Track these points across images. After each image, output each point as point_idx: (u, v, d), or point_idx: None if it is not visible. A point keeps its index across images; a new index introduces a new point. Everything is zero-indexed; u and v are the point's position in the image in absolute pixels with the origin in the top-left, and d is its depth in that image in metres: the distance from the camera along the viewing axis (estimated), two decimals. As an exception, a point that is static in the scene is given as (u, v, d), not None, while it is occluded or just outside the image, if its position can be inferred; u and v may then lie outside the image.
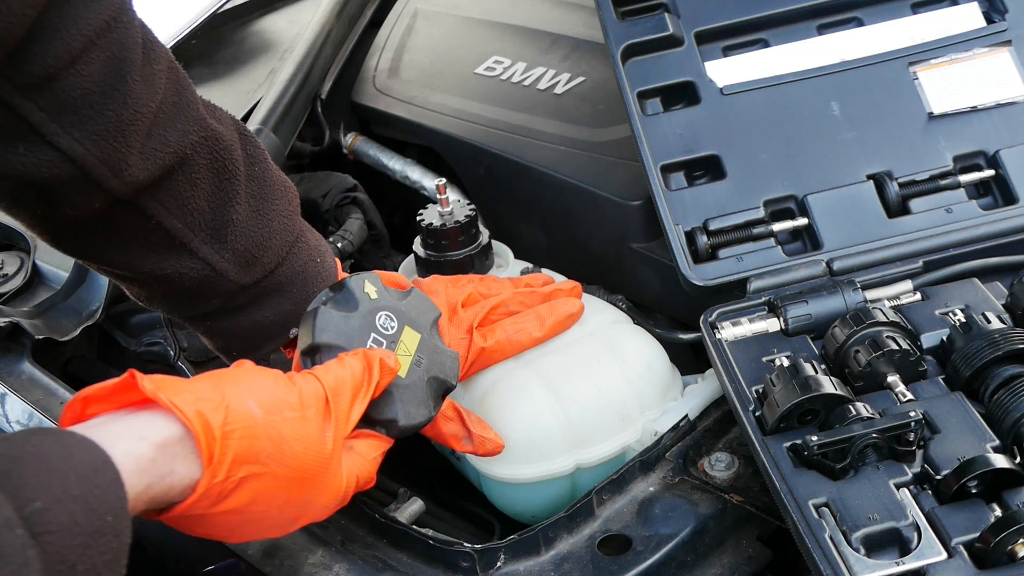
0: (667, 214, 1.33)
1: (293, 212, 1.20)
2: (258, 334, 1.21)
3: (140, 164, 1.04)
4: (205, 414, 0.90)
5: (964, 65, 1.40)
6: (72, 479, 0.79)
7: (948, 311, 1.23)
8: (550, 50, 1.77)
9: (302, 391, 0.98)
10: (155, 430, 0.88)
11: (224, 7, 2.06)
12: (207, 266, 1.13)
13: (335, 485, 1.01)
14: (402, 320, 1.14)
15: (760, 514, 1.16)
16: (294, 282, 1.20)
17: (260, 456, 0.92)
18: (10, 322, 1.47)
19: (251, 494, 0.93)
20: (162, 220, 1.09)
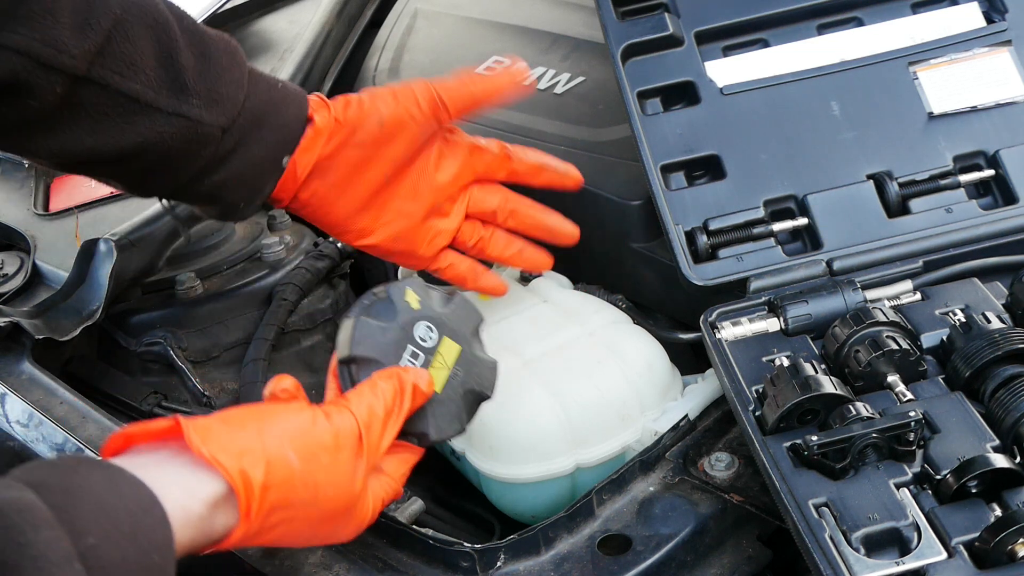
0: (667, 214, 1.33)
1: (235, 49, 1.22)
2: (255, 174, 1.23)
3: (78, 35, 1.09)
4: (247, 472, 0.92)
5: (964, 65, 1.40)
6: (123, 516, 0.82)
7: (948, 311, 1.23)
8: (550, 50, 1.77)
9: (338, 431, 1.00)
10: (205, 488, 0.91)
11: (224, 7, 2.06)
12: (180, 118, 1.15)
13: (361, 515, 1.05)
14: (442, 330, 1.12)
15: (760, 514, 1.16)
16: (268, 111, 1.21)
17: (295, 503, 0.96)
18: (10, 322, 1.47)
19: (281, 533, 0.98)
20: (119, 86, 1.12)
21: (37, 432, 1.35)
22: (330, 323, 1.58)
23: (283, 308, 1.52)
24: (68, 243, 1.59)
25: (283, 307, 1.52)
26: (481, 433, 1.28)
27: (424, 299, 1.13)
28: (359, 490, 1.01)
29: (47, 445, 1.34)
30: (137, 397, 1.42)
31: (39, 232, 1.64)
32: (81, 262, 1.52)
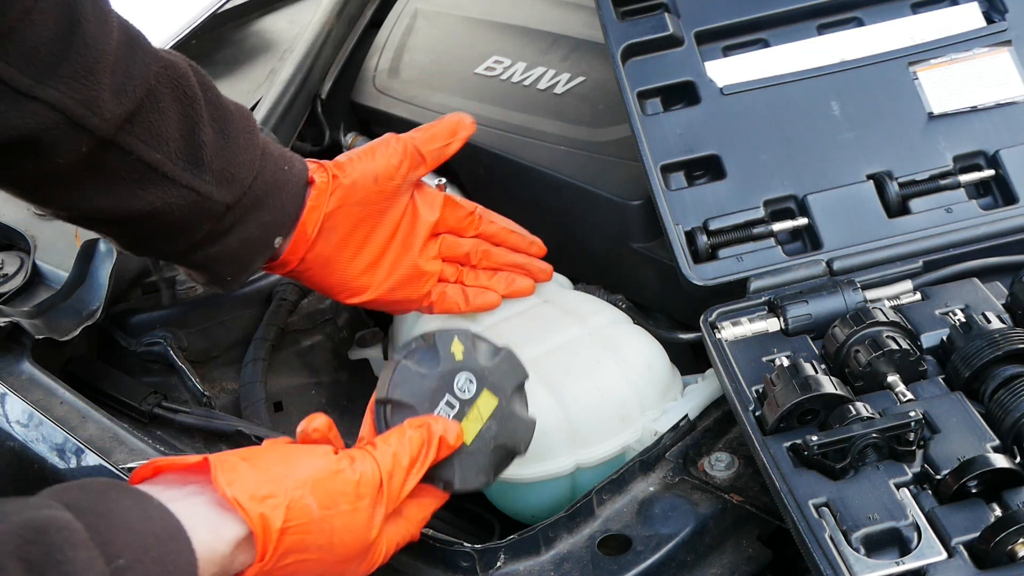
0: (667, 214, 1.33)
1: (252, 128, 1.24)
2: (246, 252, 1.25)
3: (114, 99, 1.10)
4: (267, 517, 0.95)
5: (964, 65, 1.40)
6: (151, 541, 0.86)
7: (948, 311, 1.23)
8: (550, 50, 1.77)
9: (360, 479, 1.01)
10: (228, 529, 0.94)
11: (224, 7, 2.05)
12: (191, 191, 1.17)
13: (373, 558, 1.06)
14: (482, 383, 1.12)
15: (760, 514, 1.16)
16: (270, 193, 1.24)
17: (310, 547, 0.98)
18: (10, 322, 1.46)
19: (292, 571, 0.99)
20: (141, 154, 1.13)
21: (37, 432, 1.35)
22: (330, 323, 1.58)
23: (283, 308, 1.52)
24: (68, 243, 1.59)
25: (283, 307, 1.53)
26: (481, 433, 1.28)
27: (469, 350, 1.13)
28: (375, 536, 1.03)
29: (47, 445, 1.34)
30: (137, 397, 1.42)
31: (39, 232, 1.64)
32: (81, 262, 1.52)
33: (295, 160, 1.28)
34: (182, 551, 0.88)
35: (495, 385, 1.13)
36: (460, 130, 1.36)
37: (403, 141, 1.32)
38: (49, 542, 0.78)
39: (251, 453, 1.00)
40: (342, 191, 1.28)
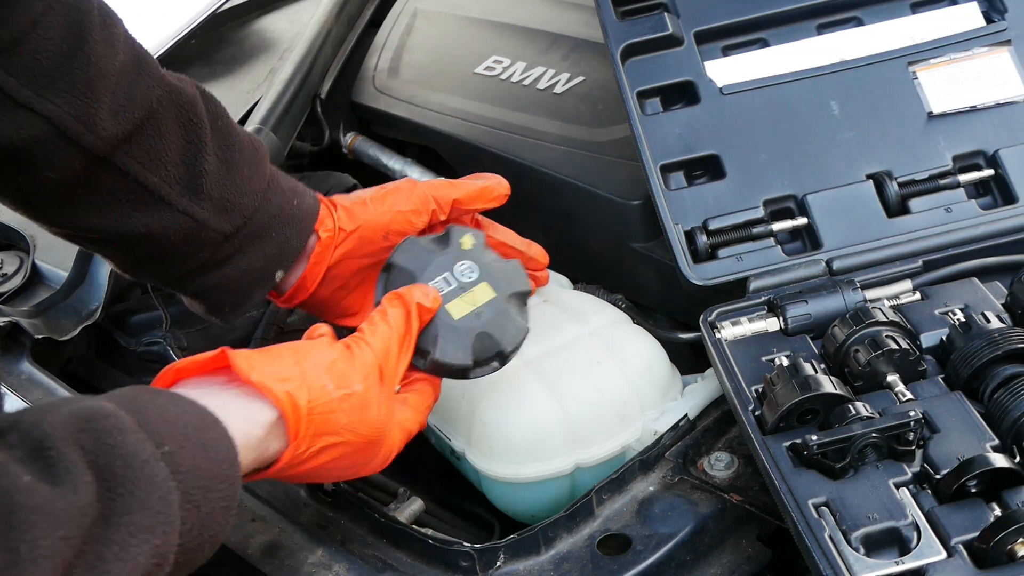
0: (667, 214, 1.33)
1: (261, 159, 1.23)
2: (245, 283, 1.24)
3: (111, 119, 1.09)
4: (294, 395, 0.98)
5: (964, 65, 1.40)
6: (191, 430, 0.87)
7: (948, 311, 1.23)
8: (550, 50, 1.77)
9: (363, 363, 1.05)
10: (260, 413, 0.97)
11: (224, 7, 2.05)
12: (188, 218, 1.16)
13: (390, 444, 1.09)
14: (483, 275, 1.18)
15: (760, 514, 1.16)
16: (273, 226, 1.22)
17: (335, 428, 1.01)
18: (10, 322, 1.47)
19: (324, 459, 1.02)
20: (138, 176, 1.13)
21: (37, 432, 1.35)
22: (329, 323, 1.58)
23: (283, 308, 1.52)
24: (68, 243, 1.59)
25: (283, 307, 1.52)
26: (481, 433, 1.28)
27: (478, 247, 1.19)
28: (387, 416, 1.06)
29: (47, 445, 1.34)
30: (137, 397, 1.42)
31: (39, 232, 1.63)
32: (81, 262, 1.52)
33: (306, 195, 1.27)
34: (220, 437, 0.89)
35: (496, 281, 1.18)
36: (491, 196, 1.32)
37: (422, 192, 1.29)
38: (98, 428, 0.79)
39: (263, 348, 1.03)
40: (349, 244, 1.27)
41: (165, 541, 0.79)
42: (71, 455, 0.76)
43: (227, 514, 0.89)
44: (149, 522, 0.78)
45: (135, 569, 0.75)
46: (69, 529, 0.72)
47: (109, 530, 0.75)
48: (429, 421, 1.36)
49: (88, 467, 0.77)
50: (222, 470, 0.88)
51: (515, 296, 1.19)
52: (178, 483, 0.82)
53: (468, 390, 1.30)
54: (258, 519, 1.25)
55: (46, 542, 0.70)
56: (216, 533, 0.88)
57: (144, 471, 0.79)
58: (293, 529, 1.23)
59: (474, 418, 1.28)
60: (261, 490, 1.29)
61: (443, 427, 1.34)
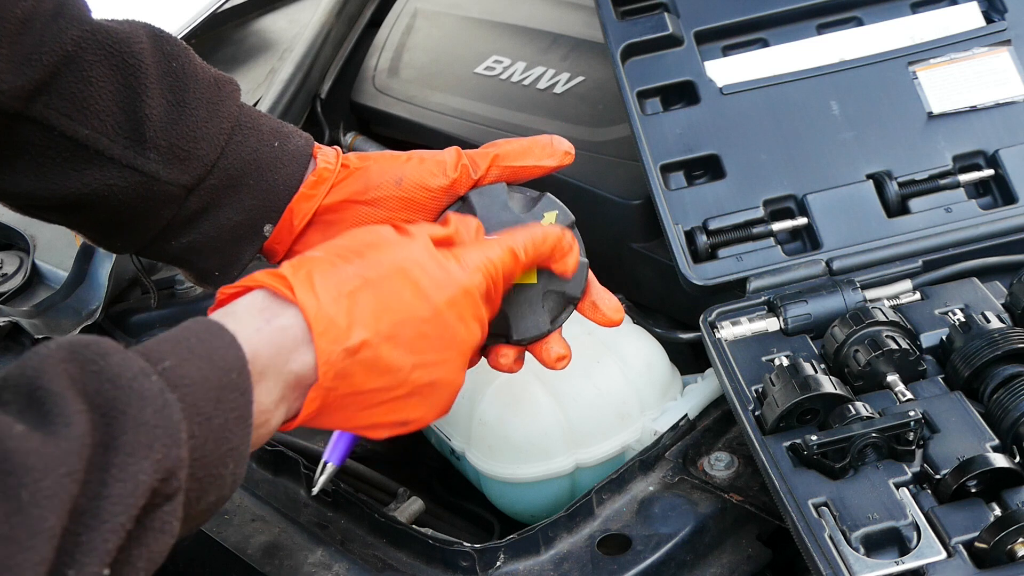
0: (667, 214, 1.33)
1: (225, 98, 1.10)
2: (228, 241, 1.12)
3: (14, 69, 0.99)
4: (301, 276, 0.89)
5: (964, 65, 1.40)
6: (194, 342, 0.82)
7: (947, 311, 1.23)
8: (550, 50, 1.77)
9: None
10: (281, 317, 0.89)
11: (224, 7, 2.05)
12: (134, 171, 1.05)
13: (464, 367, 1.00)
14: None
15: (760, 514, 1.16)
16: (248, 172, 1.10)
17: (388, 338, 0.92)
18: (9, 322, 1.47)
19: (377, 382, 0.93)
20: (65, 129, 1.02)
21: (37, 432, 1.35)
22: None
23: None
24: (67, 243, 1.59)
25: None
26: (481, 433, 1.28)
27: (555, 223, 1.10)
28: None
29: (47, 445, 1.34)
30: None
31: (39, 232, 1.64)
32: (80, 262, 1.52)
33: (294, 135, 1.13)
34: (227, 346, 0.84)
35: (546, 271, 1.08)
36: (544, 153, 1.12)
37: (456, 149, 1.11)
38: (81, 356, 0.76)
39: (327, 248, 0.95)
40: (352, 185, 1.11)
41: (167, 455, 0.75)
42: (61, 388, 0.73)
43: (243, 424, 0.83)
44: (145, 438, 0.74)
45: (136, 487, 0.72)
46: (70, 464, 0.70)
47: (108, 454, 0.72)
48: (429, 421, 1.36)
49: (79, 396, 0.74)
50: (230, 379, 0.82)
51: (555, 294, 1.10)
52: (181, 395, 0.78)
53: (468, 390, 1.30)
54: (258, 519, 1.25)
55: (46, 482, 0.68)
56: (236, 445, 0.82)
57: (132, 388, 0.75)
58: (293, 529, 1.23)
59: (474, 418, 1.28)
60: (261, 490, 1.29)
61: (443, 427, 1.34)
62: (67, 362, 0.75)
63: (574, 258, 1.06)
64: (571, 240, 1.06)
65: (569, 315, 1.11)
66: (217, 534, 1.24)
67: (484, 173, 1.10)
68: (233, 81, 1.13)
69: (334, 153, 1.14)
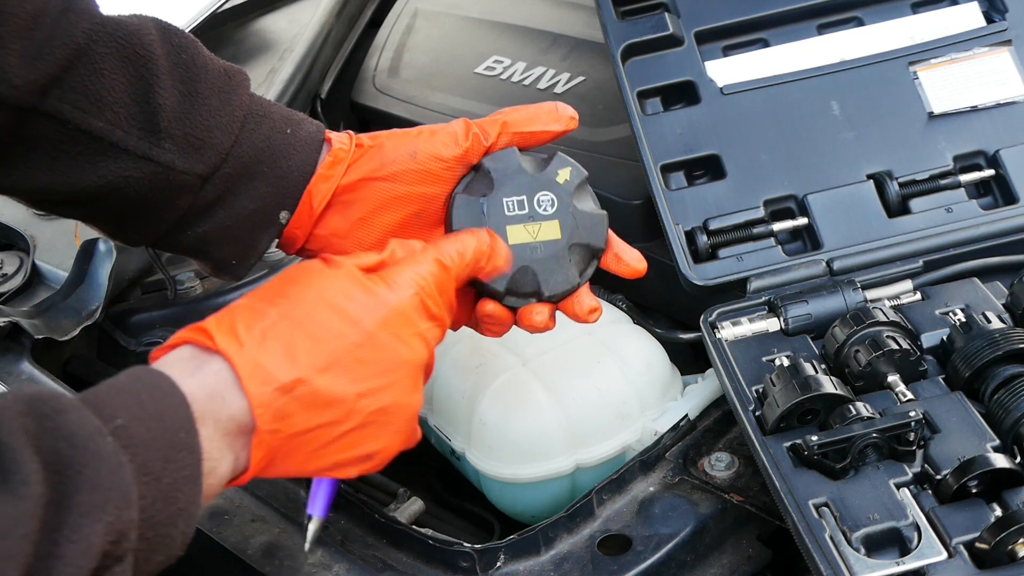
0: (667, 214, 1.33)
1: (235, 87, 1.10)
2: (245, 229, 1.12)
3: (26, 64, 0.99)
4: (220, 330, 0.90)
5: (964, 65, 1.40)
6: (145, 398, 0.82)
7: (948, 311, 1.23)
8: (550, 50, 1.77)
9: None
10: (211, 366, 0.89)
11: (224, 7, 2.05)
12: (149, 162, 1.05)
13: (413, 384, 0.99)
14: (559, 214, 1.11)
15: (760, 514, 1.16)
16: (262, 160, 1.10)
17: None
18: (9, 322, 1.47)
19: (316, 420, 0.93)
20: (79, 122, 1.02)
21: (37, 432, 1.35)
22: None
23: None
24: (67, 243, 1.59)
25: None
26: (481, 433, 1.28)
27: (570, 183, 1.12)
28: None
29: (47, 445, 1.34)
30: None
31: (39, 232, 1.64)
32: (80, 262, 1.52)
33: (305, 123, 1.14)
34: (178, 405, 0.84)
35: (568, 225, 1.11)
36: (551, 119, 1.13)
37: (465, 119, 1.13)
38: (38, 412, 0.76)
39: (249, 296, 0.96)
40: (368, 163, 1.11)
41: (119, 517, 0.75)
42: (18, 444, 0.73)
43: (193, 484, 0.83)
44: (99, 499, 0.74)
45: (88, 549, 0.72)
46: (26, 525, 0.70)
47: (61, 513, 0.72)
48: (429, 421, 1.36)
49: (35, 452, 0.73)
50: (179, 439, 0.82)
51: (579, 247, 1.11)
52: (132, 455, 0.78)
53: (468, 391, 1.30)
54: (258, 519, 1.25)
55: (7, 543, 0.68)
56: (185, 505, 0.82)
57: (88, 447, 0.75)
58: (293, 529, 1.23)
59: (474, 418, 1.28)
60: (261, 490, 1.29)
61: (443, 427, 1.34)
62: (24, 416, 0.75)
63: (501, 257, 1.06)
64: (487, 239, 1.06)
65: (594, 269, 1.13)
66: (217, 534, 1.24)
67: (495, 140, 1.11)
68: (242, 71, 1.13)
69: (347, 135, 1.15)
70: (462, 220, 1.09)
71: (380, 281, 0.97)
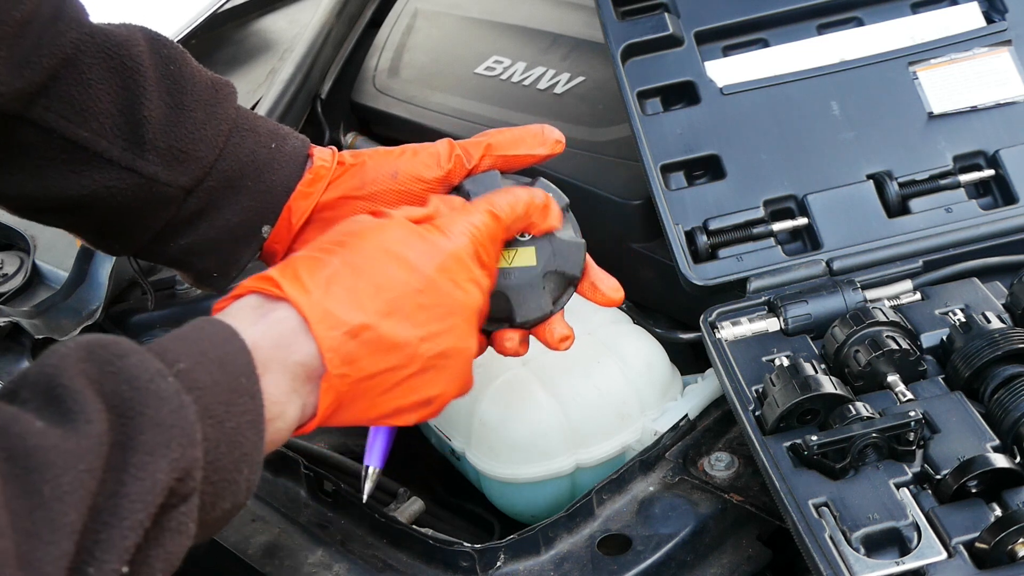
0: (667, 214, 1.33)
1: (222, 100, 1.11)
2: (227, 242, 1.12)
3: (13, 72, 1.00)
4: (287, 277, 0.90)
5: (964, 65, 1.40)
6: (207, 345, 0.83)
7: (948, 311, 1.23)
8: (550, 50, 1.77)
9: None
10: (276, 313, 0.89)
11: (224, 7, 2.05)
12: (133, 173, 1.06)
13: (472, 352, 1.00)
14: (536, 241, 1.10)
15: (760, 514, 1.16)
16: (246, 174, 1.11)
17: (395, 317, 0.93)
18: (10, 322, 1.47)
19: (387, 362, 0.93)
20: (64, 131, 1.03)
21: (37, 432, 1.35)
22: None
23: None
24: (68, 243, 1.59)
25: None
26: (481, 433, 1.28)
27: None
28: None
29: (47, 445, 1.34)
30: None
31: (39, 232, 1.64)
32: (81, 262, 1.52)
33: (290, 137, 1.14)
34: (238, 351, 0.84)
35: (544, 252, 1.09)
36: (536, 142, 1.14)
37: (449, 140, 1.13)
38: (99, 357, 0.76)
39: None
40: (349, 181, 1.13)
41: (184, 455, 0.76)
42: (80, 387, 0.74)
43: (255, 429, 0.84)
44: (163, 437, 0.75)
45: (154, 486, 0.73)
46: (89, 461, 0.71)
47: (126, 453, 0.73)
48: (429, 421, 1.36)
49: (98, 395, 0.74)
50: (240, 384, 0.83)
51: (555, 275, 1.10)
52: (195, 398, 0.79)
53: (468, 390, 1.30)
54: (258, 519, 1.25)
55: (67, 478, 0.69)
56: (249, 451, 0.83)
57: (150, 389, 0.76)
58: (293, 529, 1.23)
59: (474, 418, 1.28)
60: (261, 490, 1.29)
61: (443, 427, 1.34)
62: (85, 362, 0.76)
63: (555, 214, 1.07)
64: (543, 196, 1.07)
65: (570, 297, 1.12)
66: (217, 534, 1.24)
67: (477, 162, 1.12)
68: (230, 84, 1.14)
69: (330, 152, 1.15)
70: None
71: (435, 229, 0.98)
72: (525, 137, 1.13)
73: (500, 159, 1.12)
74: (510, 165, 1.13)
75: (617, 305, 1.16)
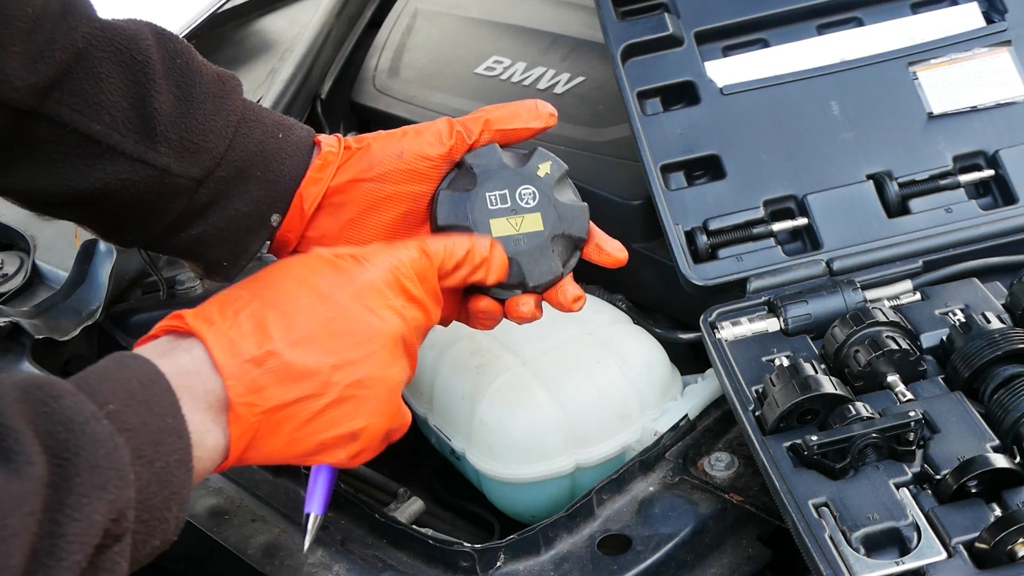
0: (667, 214, 1.33)
1: (229, 92, 1.12)
2: (237, 231, 1.14)
3: (27, 67, 1.01)
4: (197, 316, 0.92)
5: (964, 65, 1.40)
6: (135, 386, 0.84)
7: (948, 311, 1.23)
8: (550, 50, 1.77)
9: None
10: (191, 353, 0.92)
11: (224, 7, 2.06)
12: (145, 165, 1.07)
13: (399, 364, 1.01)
14: (540, 207, 1.13)
15: (760, 514, 1.16)
16: (255, 164, 1.12)
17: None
18: (10, 322, 1.47)
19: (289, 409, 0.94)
20: (77, 125, 1.04)
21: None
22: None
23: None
24: (68, 243, 1.59)
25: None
26: (481, 433, 1.28)
27: (551, 176, 1.14)
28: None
29: (47, 445, 1.34)
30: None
31: (39, 232, 1.64)
32: (81, 262, 1.52)
33: (295, 128, 1.15)
34: (164, 392, 0.86)
35: (550, 217, 1.13)
36: (532, 116, 1.16)
37: (448, 118, 1.15)
38: (34, 398, 0.77)
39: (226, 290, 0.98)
40: (356, 164, 1.13)
41: (119, 496, 0.77)
42: (20, 427, 0.75)
43: (184, 468, 0.85)
44: (99, 479, 0.76)
45: (90, 527, 0.74)
46: (32, 504, 0.72)
47: (62, 494, 0.74)
48: (430, 421, 1.36)
49: (35, 436, 0.75)
50: (167, 424, 0.84)
51: (562, 238, 1.13)
52: (127, 439, 0.80)
53: (468, 391, 1.30)
54: (258, 519, 1.25)
55: (11, 520, 0.70)
56: (178, 488, 0.84)
57: (85, 431, 0.77)
58: (293, 529, 1.23)
59: (474, 418, 1.28)
60: (261, 490, 1.29)
61: (443, 427, 1.34)
62: (21, 402, 0.77)
63: (497, 267, 1.09)
64: (486, 247, 1.08)
65: (577, 259, 1.16)
66: (217, 534, 1.24)
67: (477, 137, 1.14)
68: (235, 77, 1.15)
69: (335, 138, 1.16)
70: (447, 215, 1.11)
71: (352, 260, 0.99)
72: (520, 112, 1.16)
73: (498, 133, 1.15)
74: (508, 139, 1.15)
75: (622, 264, 1.18)
